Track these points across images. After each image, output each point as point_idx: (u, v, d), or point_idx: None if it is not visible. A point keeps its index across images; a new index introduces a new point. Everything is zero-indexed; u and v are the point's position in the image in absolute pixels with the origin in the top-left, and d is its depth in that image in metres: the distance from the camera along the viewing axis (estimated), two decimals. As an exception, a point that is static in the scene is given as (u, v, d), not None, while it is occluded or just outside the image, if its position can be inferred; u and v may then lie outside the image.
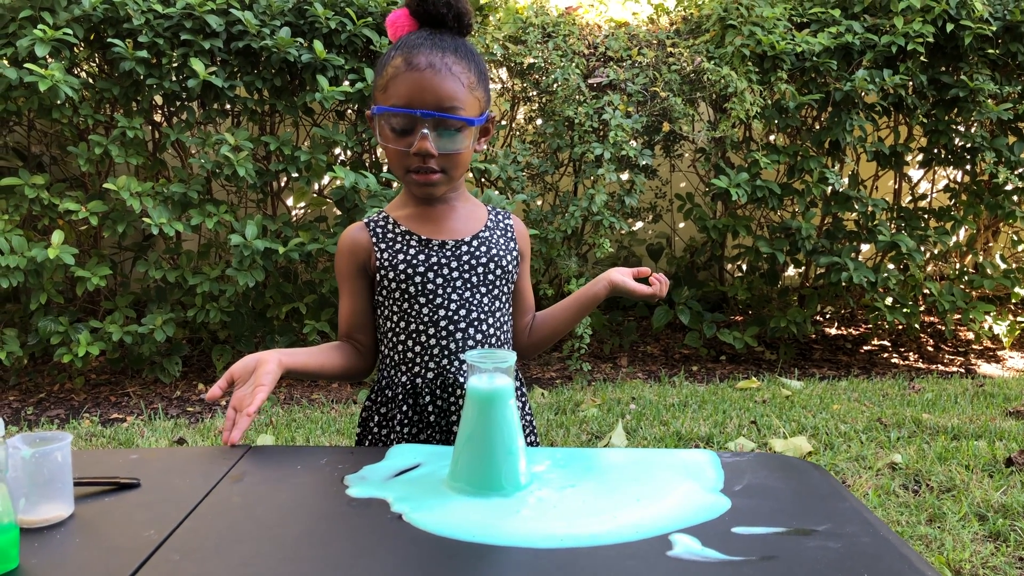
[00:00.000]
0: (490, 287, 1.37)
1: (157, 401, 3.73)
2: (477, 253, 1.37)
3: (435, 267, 1.34)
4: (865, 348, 4.82)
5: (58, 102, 3.42)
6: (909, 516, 2.48)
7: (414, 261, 1.34)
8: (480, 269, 1.36)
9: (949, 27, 4.07)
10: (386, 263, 1.34)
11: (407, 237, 1.36)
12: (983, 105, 4.20)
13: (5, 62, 3.37)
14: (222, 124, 4.06)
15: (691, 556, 0.84)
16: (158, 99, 3.83)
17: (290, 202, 4.38)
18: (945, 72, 4.29)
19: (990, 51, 4.19)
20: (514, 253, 1.42)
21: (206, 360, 4.26)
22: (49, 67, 3.31)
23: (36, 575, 0.81)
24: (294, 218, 4.33)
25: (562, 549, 0.86)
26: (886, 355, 4.69)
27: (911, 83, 4.22)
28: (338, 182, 3.64)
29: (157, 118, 4.01)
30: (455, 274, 1.35)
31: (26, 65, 3.28)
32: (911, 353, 4.74)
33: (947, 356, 4.69)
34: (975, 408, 3.56)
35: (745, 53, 4.01)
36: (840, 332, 5.11)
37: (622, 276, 1.46)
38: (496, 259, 1.38)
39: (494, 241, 1.40)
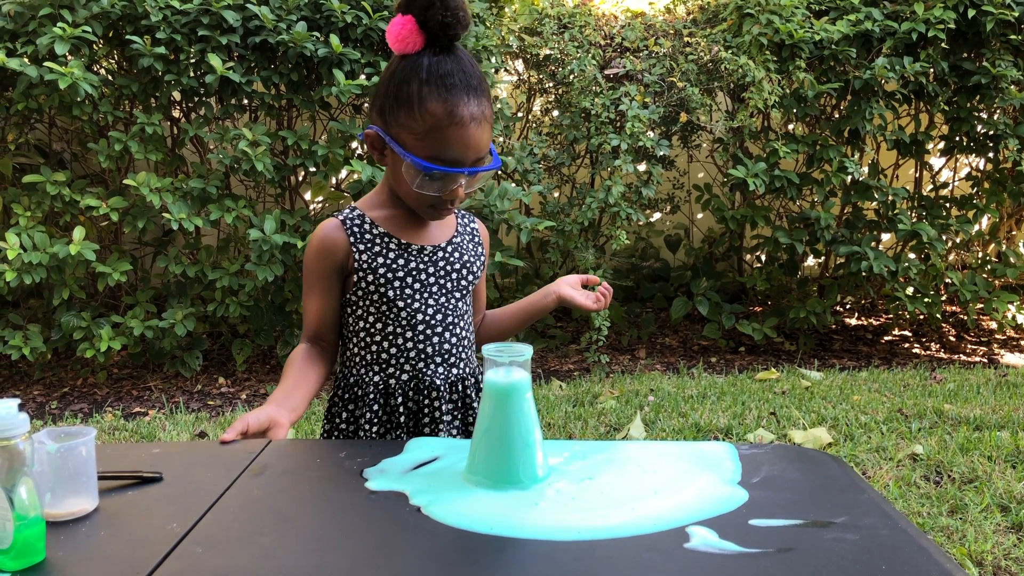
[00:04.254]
0: (462, 292, 1.40)
1: (178, 395, 3.77)
2: (451, 259, 1.39)
3: (413, 272, 1.35)
4: (886, 338, 4.78)
5: (78, 99, 3.45)
6: (930, 507, 2.47)
7: (393, 266, 1.34)
8: (454, 275, 1.39)
9: (970, 13, 4.01)
10: (364, 265, 1.34)
11: (386, 240, 1.35)
12: (1006, 92, 4.15)
13: (26, 60, 3.40)
14: (240, 119, 4.09)
15: (708, 548, 0.84)
16: (176, 95, 3.85)
17: (308, 196, 4.40)
18: (967, 59, 4.23)
19: (1012, 37, 4.13)
20: (482, 259, 1.45)
21: (226, 354, 4.30)
22: (69, 65, 3.34)
23: (62, 568, 0.82)
24: (312, 212, 4.35)
25: (579, 541, 0.86)
26: (907, 345, 4.65)
27: (932, 70, 4.17)
28: (355, 176, 3.65)
29: (175, 114, 4.04)
30: (431, 280, 1.37)
31: (46, 63, 3.31)
32: (933, 343, 4.70)
33: (969, 346, 4.65)
34: (998, 398, 3.53)
35: (763, 42, 3.98)
36: (860, 322, 5.08)
37: (570, 290, 1.51)
38: (468, 265, 1.41)
39: (464, 247, 1.42)
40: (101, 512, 0.95)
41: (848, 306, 5.25)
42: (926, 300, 4.37)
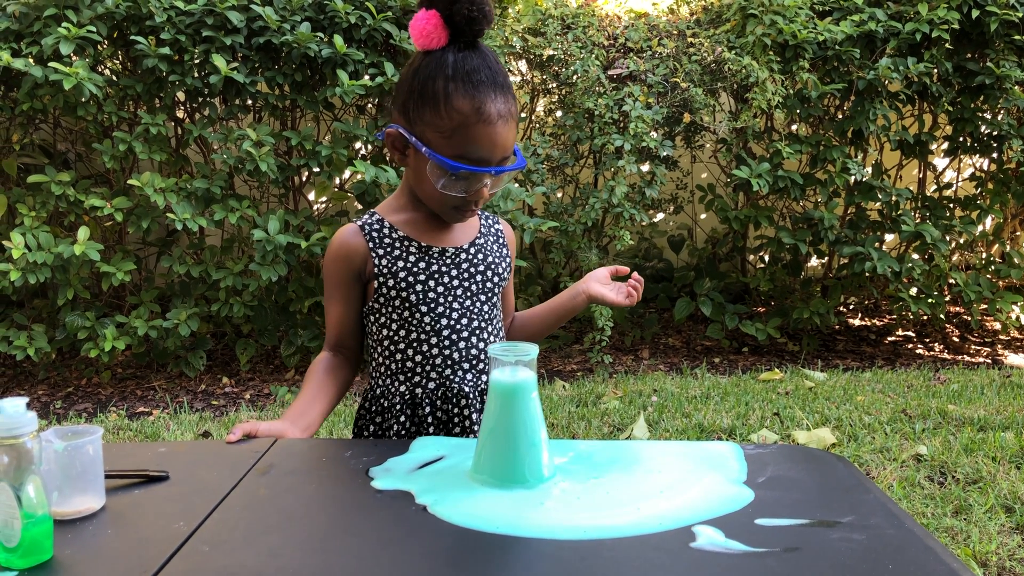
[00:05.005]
0: (488, 295, 1.36)
1: (182, 395, 3.77)
2: (475, 260, 1.35)
3: (436, 275, 1.31)
4: (889, 339, 4.77)
5: (83, 99, 3.46)
6: (935, 508, 2.46)
7: (415, 269, 1.31)
8: (479, 277, 1.35)
9: (974, 13, 4.01)
10: (385, 270, 1.30)
11: (406, 243, 1.32)
12: (1010, 92, 4.14)
13: (31, 60, 3.41)
14: (244, 120, 4.09)
15: (714, 548, 0.84)
16: (180, 95, 3.86)
17: (312, 197, 4.41)
18: (971, 59, 4.23)
19: (1016, 37, 4.12)
20: (507, 260, 1.41)
21: (230, 354, 4.30)
22: (73, 65, 3.35)
23: (70, 566, 0.82)
24: (316, 212, 4.35)
25: (585, 540, 0.86)
26: (911, 346, 4.64)
27: (936, 71, 4.16)
28: (359, 176, 3.66)
29: (180, 114, 4.04)
30: (455, 282, 1.33)
31: (51, 63, 3.32)
32: (936, 344, 4.69)
33: (973, 346, 4.64)
34: (1002, 399, 3.52)
35: (766, 42, 3.98)
36: (864, 323, 5.07)
37: (600, 288, 1.46)
38: (492, 266, 1.37)
39: (489, 248, 1.38)
40: (108, 511, 0.95)
41: (852, 307, 5.25)
42: (930, 301, 4.36)
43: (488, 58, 1.23)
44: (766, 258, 4.82)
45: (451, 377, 1.33)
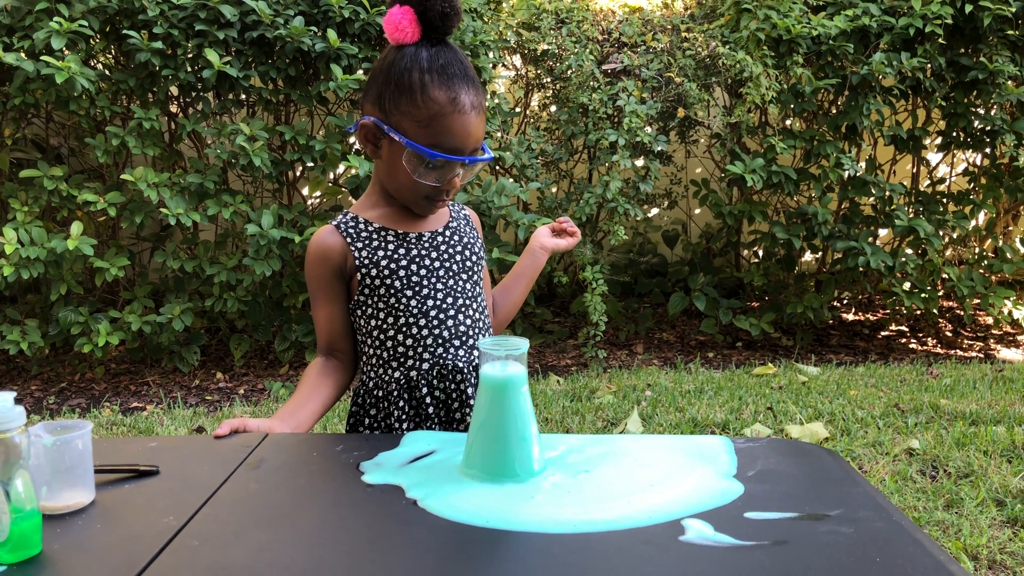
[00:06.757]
0: (470, 273, 1.41)
1: (176, 390, 3.77)
2: (452, 241, 1.40)
3: (417, 259, 1.35)
4: (883, 333, 4.79)
5: (75, 94, 3.44)
6: (926, 502, 2.47)
7: (395, 255, 1.34)
8: (458, 257, 1.40)
9: (968, 8, 4.01)
10: (366, 261, 1.34)
11: (383, 233, 1.36)
12: (1003, 87, 4.15)
13: (23, 55, 3.39)
14: (237, 114, 4.08)
15: (703, 541, 0.84)
16: (174, 90, 3.84)
17: (305, 191, 4.40)
18: (964, 54, 4.23)
19: (1010, 32, 4.13)
20: (480, 241, 1.47)
21: (224, 349, 4.30)
22: (66, 59, 3.33)
23: (59, 560, 0.82)
24: (310, 207, 4.34)
25: (575, 534, 0.86)
26: (904, 340, 4.66)
27: (929, 66, 4.16)
28: (353, 171, 3.65)
29: (173, 109, 4.03)
30: (436, 264, 1.37)
31: (43, 58, 3.30)
32: (929, 338, 4.70)
33: (966, 341, 4.65)
34: (994, 393, 3.54)
35: (760, 37, 3.98)
36: (857, 318, 5.08)
37: (552, 240, 1.61)
38: (469, 246, 1.42)
39: (462, 231, 1.44)
40: (97, 505, 0.95)
41: (845, 301, 5.26)
42: (923, 295, 4.37)
43: (458, 54, 1.30)
44: (760, 253, 4.83)
45: (444, 355, 1.36)
